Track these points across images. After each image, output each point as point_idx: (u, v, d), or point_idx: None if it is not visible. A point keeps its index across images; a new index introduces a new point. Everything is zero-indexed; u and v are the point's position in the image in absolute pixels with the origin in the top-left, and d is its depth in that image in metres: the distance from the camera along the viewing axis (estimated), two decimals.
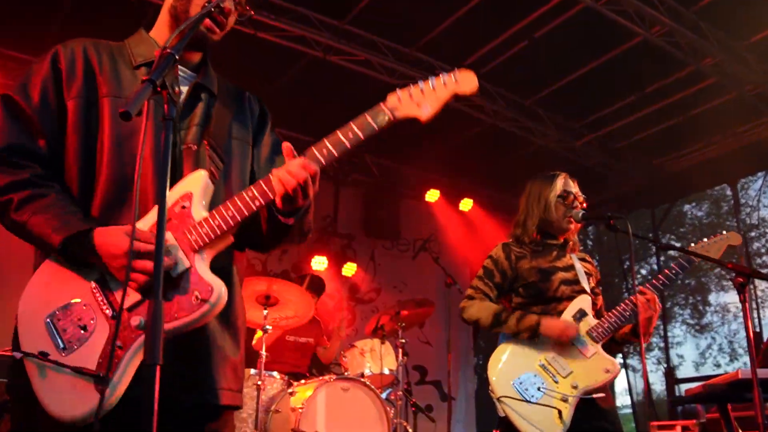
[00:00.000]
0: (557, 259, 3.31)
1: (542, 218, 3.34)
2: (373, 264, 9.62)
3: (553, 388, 3.03)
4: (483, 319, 3.23)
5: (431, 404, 8.82)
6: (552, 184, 3.38)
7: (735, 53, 7.42)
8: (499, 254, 3.34)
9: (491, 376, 3.10)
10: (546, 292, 3.23)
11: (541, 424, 2.95)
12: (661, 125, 8.82)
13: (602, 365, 3.08)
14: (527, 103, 8.56)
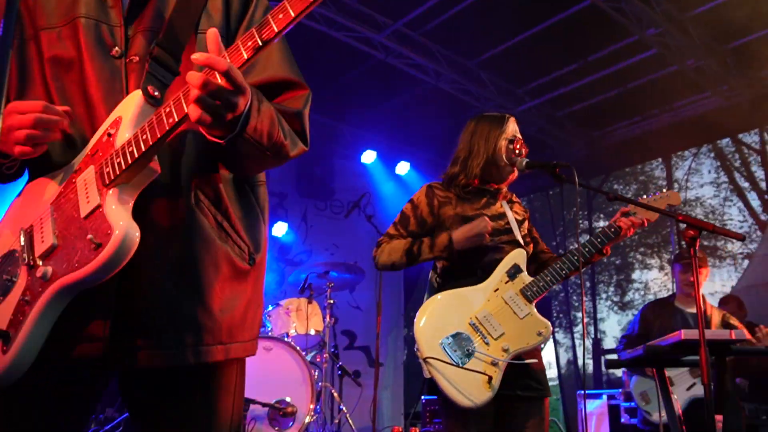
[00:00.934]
0: (486, 207, 3.05)
1: (488, 160, 3.05)
2: (305, 224, 9.32)
3: (483, 351, 2.81)
4: (397, 261, 2.98)
5: (359, 370, 8.66)
6: (502, 126, 3.11)
7: (679, 25, 7.35)
8: (421, 199, 3.07)
9: (418, 333, 2.85)
10: None
11: (468, 390, 2.73)
12: (601, 96, 8.76)
13: (535, 327, 2.88)
14: (470, 65, 8.35)
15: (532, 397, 2.89)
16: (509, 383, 2.82)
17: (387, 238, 3.06)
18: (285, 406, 5.16)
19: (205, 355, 1.54)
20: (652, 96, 8.59)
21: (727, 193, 16.22)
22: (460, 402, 2.71)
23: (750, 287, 9.07)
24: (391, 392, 9.23)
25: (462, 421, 2.80)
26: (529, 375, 2.90)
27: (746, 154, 16.19)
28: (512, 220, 3.09)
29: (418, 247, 2.94)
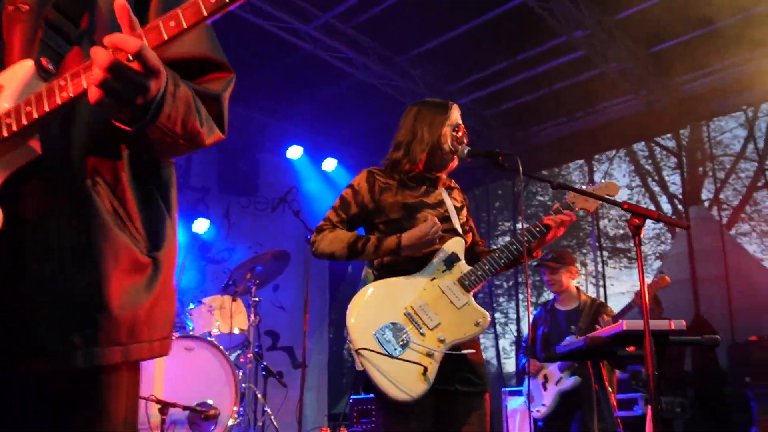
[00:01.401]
0: (426, 195, 2.94)
1: (433, 147, 2.94)
2: (227, 221, 9.03)
3: (418, 342, 2.69)
4: (338, 252, 2.80)
5: (282, 371, 8.43)
6: (447, 113, 3.00)
7: (605, 28, 7.48)
8: (362, 184, 2.93)
9: (350, 324, 2.71)
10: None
11: (403, 383, 2.60)
12: (528, 96, 8.85)
13: (473, 317, 2.78)
14: (399, 60, 8.27)
15: (472, 392, 2.80)
16: (448, 378, 2.72)
17: (329, 224, 2.90)
18: (207, 409, 4.93)
19: (98, 357, 1.32)
20: (577, 98, 8.74)
21: (639, 197, 16.86)
22: (394, 395, 2.59)
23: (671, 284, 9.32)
24: (316, 393, 9.05)
25: (400, 416, 2.68)
26: (469, 369, 2.81)
27: (659, 159, 16.86)
28: (451, 207, 3.00)
29: (363, 245, 2.79)
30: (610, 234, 17.05)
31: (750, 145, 15.17)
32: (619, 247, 17.08)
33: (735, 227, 15.00)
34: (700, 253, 8.45)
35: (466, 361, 2.80)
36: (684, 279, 8.46)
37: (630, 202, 2.84)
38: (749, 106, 9.80)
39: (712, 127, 12.95)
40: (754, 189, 15.63)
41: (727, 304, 7.59)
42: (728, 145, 15.65)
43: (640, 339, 3.37)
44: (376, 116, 9.00)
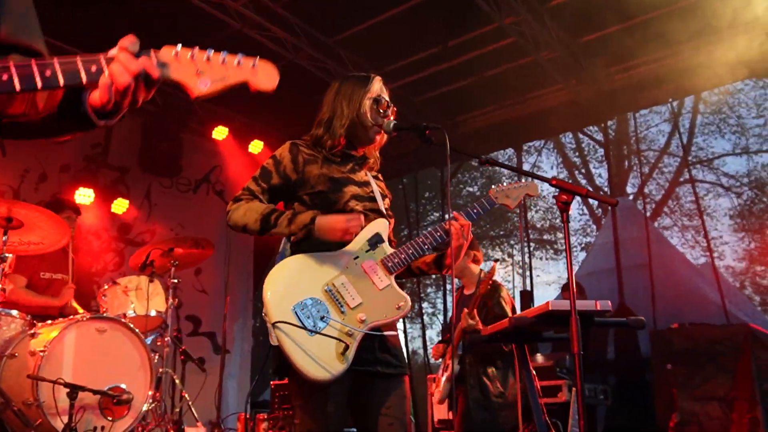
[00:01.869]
0: (352, 172, 2.82)
1: (353, 121, 2.81)
2: (148, 202, 8.66)
3: (338, 320, 2.55)
4: (250, 224, 2.62)
5: (204, 357, 8.17)
6: (367, 85, 2.87)
7: (537, 15, 7.48)
8: (284, 154, 2.75)
9: (267, 296, 2.54)
10: (334, 204, 2.71)
11: (320, 358, 2.45)
12: (458, 83, 8.80)
13: (395, 300, 2.66)
14: (329, 42, 8.08)
15: (391, 374, 2.67)
16: (368, 360, 2.59)
17: (247, 194, 2.72)
18: (119, 393, 4.67)
19: None
20: (507, 86, 8.74)
21: None
22: (310, 374, 2.44)
23: (590, 274, 9.51)
24: (238, 381, 8.81)
25: (316, 398, 2.53)
26: (389, 351, 2.69)
27: (586, 152, 17.21)
28: (376, 189, 2.88)
29: (276, 217, 2.62)
30: (537, 226, 17.35)
31: (674, 141, 15.67)
32: (546, 238, 17.40)
33: (658, 221, 15.46)
34: (625, 243, 8.60)
35: (385, 344, 2.68)
36: (609, 268, 8.60)
37: (558, 179, 2.78)
38: (674, 99, 10.02)
39: (639, 122, 13.27)
40: (676, 184, 16.17)
41: (649, 293, 7.73)
42: (653, 140, 16.15)
43: (566, 319, 3.33)
44: (306, 99, 8.69)
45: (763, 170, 15.66)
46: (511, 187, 3.00)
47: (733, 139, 15.78)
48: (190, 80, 1.41)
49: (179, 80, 1.41)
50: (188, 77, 1.41)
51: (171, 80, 1.42)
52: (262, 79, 1.49)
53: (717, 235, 15.89)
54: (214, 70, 1.44)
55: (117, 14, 7.15)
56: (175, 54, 1.42)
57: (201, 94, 1.42)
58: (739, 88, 15.20)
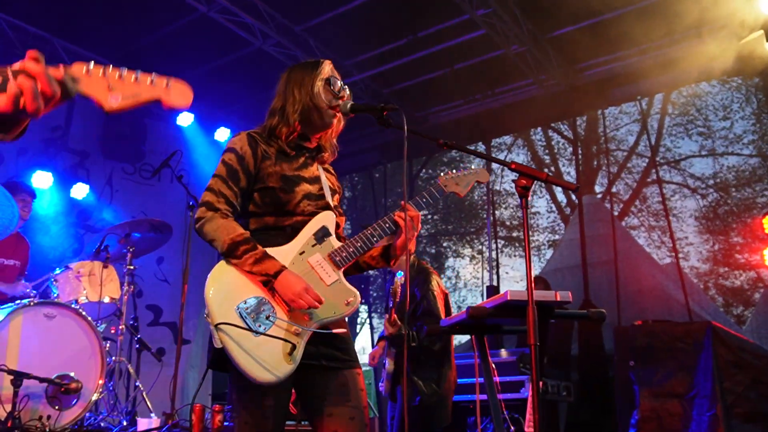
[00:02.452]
0: (303, 168, 2.72)
1: (306, 105, 2.71)
2: (109, 188, 8.45)
3: (284, 318, 2.44)
4: (218, 242, 2.49)
5: (164, 347, 8.01)
6: (317, 69, 2.78)
7: (507, 8, 7.43)
8: (245, 148, 2.62)
9: (209, 297, 2.43)
10: (285, 204, 2.61)
11: (266, 360, 2.35)
12: (428, 75, 8.73)
13: (344, 296, 2.56)
14: (297, 29, 7.95)
15: (338, 368, 2.56)
16: (313, 354, 2.48)
17: (223, 201, 2.56)
18: (68, 382, 4.55)
19: None
20: (477, 80, 8.69)
21: (535, 187, 17.24)
22: (257, 377, 2.34)
23: (556, 271, 9.51)
24: (199, 372, 8.64)
25: (255, 392, 2.42)
26: (335, 345, 2.58)
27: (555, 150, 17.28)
28: (326, 184, 2.79)
29: (244, 251, 2.47)
30: (507, 223, 17.38)
31: (642, 141, 15.79)
32: (515, 235, 17.44)
33: (625, 220, 15.57)
34: (592, 240, 8.60)
35: (332, 337, 2.57)
36: (575, 265, 8.60)
37: (519, 163, 2.70)
38: (643, 98, 10.06)
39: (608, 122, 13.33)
40: (644, 184, 16.30)
41: (614, 290, 7.73)
42: (622, 140, 16.25)
43: (524, 310, 3.27)
44: (273, 87, 8.63)
45: (728, 172, 15.85)
46: (461, 175, 2.94)
47: (700, 141, 15.96)
48: (101, 95, 1.45)
49: (90, 94, 1.45)
50: (99, 92, 1.45)
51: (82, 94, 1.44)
52: (175, 97, 1.53)
53: (682, 236, 16.06)
54: (125, 86, 1.48)
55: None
56: (86, 71, 1.45)
57: (111, 108, 1.46)
58: (706, 90, 15.36)
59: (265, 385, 2.37)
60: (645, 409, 6.26)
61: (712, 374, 6.10)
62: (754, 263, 16.32)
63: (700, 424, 6.07)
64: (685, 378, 6.23)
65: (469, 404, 6.32)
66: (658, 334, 6.50)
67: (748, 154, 15.66)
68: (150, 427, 5.04)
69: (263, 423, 2.43)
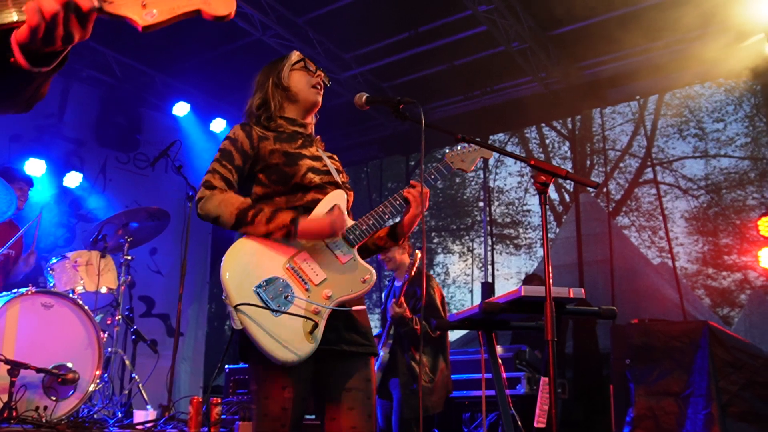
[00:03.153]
0: (303, 147, 2.72)
1: (283, 94, 2.77)
2: (103, 177, 8.36)
3: (304, 298, 2.42)
4: (224, 217, 2.47)
5: (156, 339, 7.93)
6: (285, 58, 2.85)
7: (509, 5, 7.40)
8: (238, 133, 2.65)
9: (226, 278, 2.39)
10: (292, 178, 2.60)
11: (288, 341, 2.33)
12: (428, 70, 8.69)
13: (360, 274, 2.55)
14: (299, 21, 7.89)
15: (358, 353, 2.55)
16: (333, 338, 2.46)
17: (218, 178, 2.56)
18: (65, 372, 4.49)
19: None
20: (477, 76, 8.66)
21: (528, 185, 17.26)
22: (279, 356, 2.31)
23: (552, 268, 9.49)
24: (191, 364, 8.58)
25: (276, 383, 2.40)
26: (355, 329, 2.57)
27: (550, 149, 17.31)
28: (329, 164, 2.78)
29: (254, 214, 2.46)
30: (498, 221, 17.40)
31: (635, 142, 15.85)
32: (506, 233, 17.47)
33: (617, 220, 15.62)
34: (586, 239, 8.60)
35: (352, 321, 2.56)
36: (570, 263, 8.60)
37: (537, 159, 2.69)
38: (642, 97, 10.07)
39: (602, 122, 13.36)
40: (636, 184, 16.37)
41: (609, 288, 7.74)
42: (615, 140, 16.30)
43: (538, 306, 3.25)
44: None
45: (720, 174, 15.94)
46: (467, 151, 2.95)
47: (693, 143, 16.04)
48: (134, 13, 1.28)
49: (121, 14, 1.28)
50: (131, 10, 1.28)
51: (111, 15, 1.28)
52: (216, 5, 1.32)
53: (672, 236, 16.12)
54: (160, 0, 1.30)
55: None
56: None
57: (148, 24, 1.27)
58: (700, 92, 15.42)
59: (288, 365, 2.34)
60: (641, 407, 6.26)
61: (708, 373, 6.11)
62: (741, 265, 16.43)
63: (696, 422, 6.08)
64: (681, 377, 6.24)
65: (465, 400, 6.32)
66: (654, 333, 6.50)
67: (739, 157, 15.75)
68: (146, 419, 4.99)
69: (283, 415, 2.40)
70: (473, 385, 6.24)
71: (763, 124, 14.40)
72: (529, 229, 17.43)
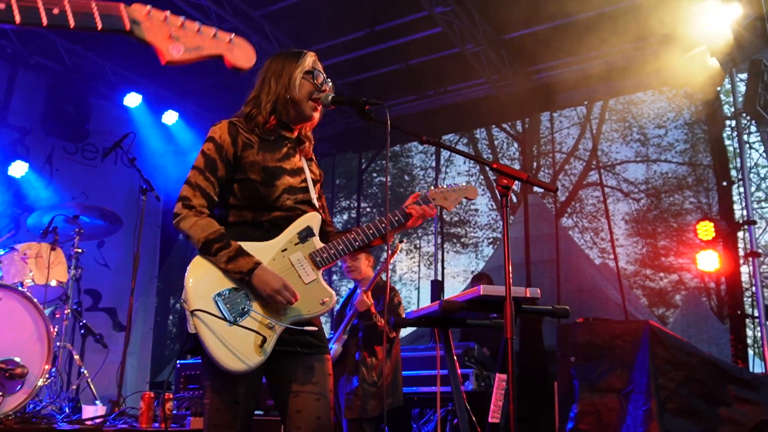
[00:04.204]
0: (286, 159, 2.70)
1: (282, 97, 2.68)
2: (49, 167, 8.16)
3: (259, 312, 2.47)
4: (194, 239, 2.50)
5: (102, 333, 7.79)
6: (299, 59, 2.76)
7: (465, 8, 7.51)
8: (225, 137, 2.60)
9: (189, 283, 2.44)
10: (265, 199, 2.61)
11: (237, 349, 2.39)
12: (382, 69, 8.76)
13: (319, 295, 2.59)
14: (255, 15, 7.85)
15: (310, 353, 2.60)
16: (287, 341, 2.52)
17: (199, 197, 2.55)
18: (13, 367, 4.39)
19: None
20: (430, 76, 8.76)
21: (476, 184, 17.51)
22: (227, 365, 2.37)
23: (499, 268, 9.70)
24: (138, 359, 8.46)
25: (227, 378, 2.44)
26: (309, 332, 2.60)
27: (498, 150, 17.57)
28: (309, 178, 2.77)
29: (218, 248, 2.49)
30: (446, 219, 17.59)
31: (581, 145, 16.24)
32: (453, 231, 17.68)
33: (560, 221, 15.97)
34: (534, 238, 8.79)
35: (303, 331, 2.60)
36: (517, 263, 8.77)
37: (500, 163, 2.77)
38: (590, 102, 10.34)
39: (549, 125, 13.65)
40: (580, 187, 16.77)
41: (555, 288, 7.94)
42: (562, 142, 16.66)
43: (496, 304, 3.35)
44: (224, 71, 8.47)
45: (659, 179, 16.44)
46: (450, 190, 2.96)
47: (635, 147, 16.51)
48: (163, 44, 1.33)
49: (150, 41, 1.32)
50: (160, 40, 1.33)
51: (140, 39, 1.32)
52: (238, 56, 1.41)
53: (614, 238, 16.58)
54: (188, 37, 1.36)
55: None
56: (147, 13, 1.32)
57: (173, 60, 1.34)
58: (642, 99, 15.87)
59: (233, 374, 2.38)
60: (584, 403, 6.44)
61: (648, 371, 6.33)
62: (677, 266, 16.98)
63: (636, 418, 6.29)
64: (623, 374, 6.44)
65: (414, 396, 6.41)
66: (598, 332, 6.69)
67: (678, 162, 16.28)
68: (95, 415, 4.92)
69: (234, 409, 2.45)
70: (423, 381, 6.33)
71: (701, 132, 14.92)
72: (476, 228, 17.67)
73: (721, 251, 7.24)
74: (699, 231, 7.40)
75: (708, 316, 11.91)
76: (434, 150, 10.77)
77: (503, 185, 2.69)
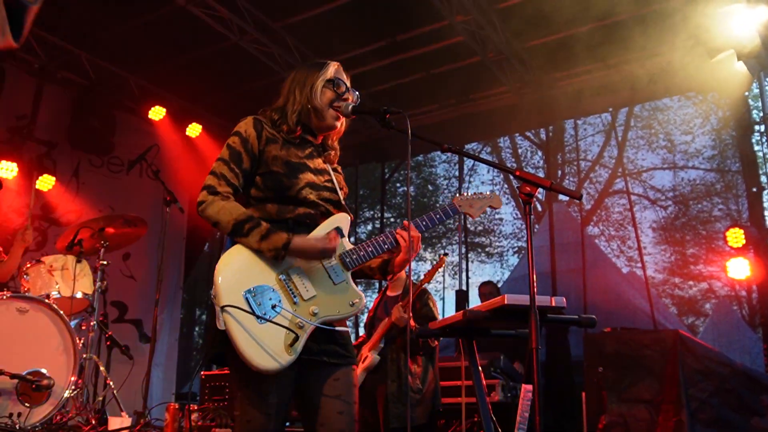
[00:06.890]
0: (309, 158, 2.70)
1: (305, 106, 2.69)
2: (75, 181, 8.25)
3: (290, 310, 2.43)
4: (223, 223, 2.48)
5: (128, 345, 7.84)
6: (322, 69, 2.77)
7: (486, 15, 7.48)
8: (250, 131, 2.61)
9: (218, 280, 2.40)
10: (287, 190, 2.59)
11: (269, 347, 2.34)
12: (404, 78, 8.74)
13: (349, 297, 2.57)
14: (276, 27, 7.88)
15: (339, 363, 2.57)
16: (314, 350, 2.48)
17: (223, 182, 2.54)
18: (39, 379, 4.42)
19: None
20: (452, 85, 8.73)
21: (500, 193, 17.43)
22: (256, 363, 2.31)
23: (524, 277, 9.59)
24: (163, 371, 8.49)
25: (259, 390, 2.41)
26: (336, 341, 2.58)
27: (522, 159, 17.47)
28: (335, 180, 2.76)
29: (250, 228, 2.48)
30: (471, 229, 17.53)
31: (606, 152, 16.10)
32: (477, 241, 17.60)
33: (586, 229, 15.83)
34: (559, 247, 8.71)
35: (333, 333, 2.57)
36: (542, 272, 8.69)
37: (523, 170, 2.73)
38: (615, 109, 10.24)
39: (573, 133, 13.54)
40: (606, 194, 16.61)
41: (581, 297, 7.84)
42: (586, 150, 16.53)
43: (520, 314, 3.29)
44: (248, 83, 8.57)
45: (687, 185, 16.23)
46: (475, 198, 2.97)
47: (662, 154, 16.32)
48: None
49: None
50: None
51: None
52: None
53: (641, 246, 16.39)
54: None
55: None
56: None
57: None
58: (668, 105, 15.71)
59: (264, 373, 2.34)
60: (612, 414, 6.35)
61: (678, 381, 6.22)
62: (707, 274, 16.73)
63: (666, 429, 6.18)
64: (652, 384, 6.34)
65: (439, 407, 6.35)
66: (626, 342, 6.60)
67: (706, 169, 16.06)
68: (122, 426, 4.94)
69: (266, 421, 2.41)
70: (446, 392, 6.28)
71: (729, 138, 14.71)
72: (500, 237, 17.58)
73: (752, 258, 7.11)
74: (729, 238, 7.28)
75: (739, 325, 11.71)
76: (457, 159, 10.70)
77: (526, 192, 2.65)
